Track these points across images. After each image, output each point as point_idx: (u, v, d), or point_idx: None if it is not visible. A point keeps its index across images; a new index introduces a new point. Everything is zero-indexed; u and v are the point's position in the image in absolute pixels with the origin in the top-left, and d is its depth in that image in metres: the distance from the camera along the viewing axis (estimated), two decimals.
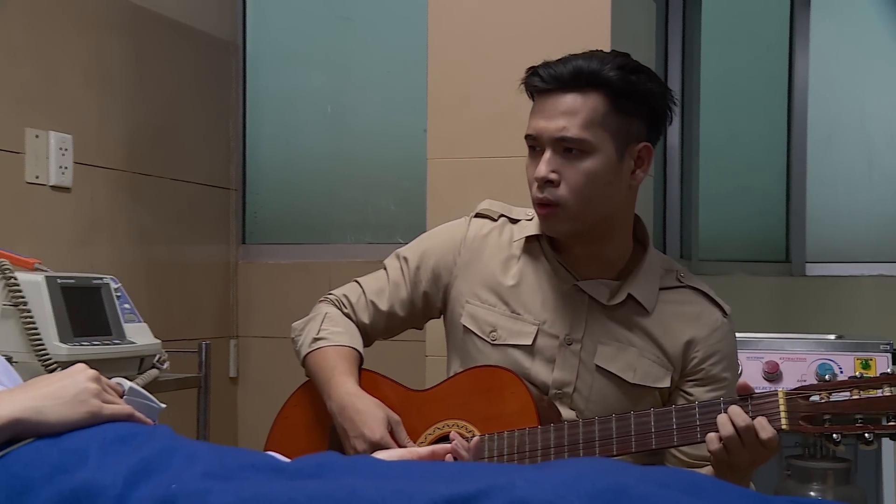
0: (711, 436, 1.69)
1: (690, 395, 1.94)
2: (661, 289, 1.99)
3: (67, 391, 1.29)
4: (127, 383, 1.42)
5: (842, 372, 2.47)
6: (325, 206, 3.73)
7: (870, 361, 2.48)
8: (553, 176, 1.85)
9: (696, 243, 4.30)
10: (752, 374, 2.50)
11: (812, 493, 2.51)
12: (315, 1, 3.76)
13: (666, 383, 1.94)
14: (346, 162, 3.70)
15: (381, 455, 1.64)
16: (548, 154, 1.86)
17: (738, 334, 2.63)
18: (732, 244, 4.37)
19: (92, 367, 2.12)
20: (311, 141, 3.77)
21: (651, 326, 1.96)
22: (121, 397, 1.37)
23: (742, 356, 2.53)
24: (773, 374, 2.49)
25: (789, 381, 2.48)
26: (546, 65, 1.90)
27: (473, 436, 1.88)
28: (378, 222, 3.52)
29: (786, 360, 2.50)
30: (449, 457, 1.54)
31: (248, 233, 3.74)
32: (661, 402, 1.94)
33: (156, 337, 2.54)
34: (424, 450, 1.60)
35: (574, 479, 0.99)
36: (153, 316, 3.12)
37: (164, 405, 1.48)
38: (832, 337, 2.66)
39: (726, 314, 2.02)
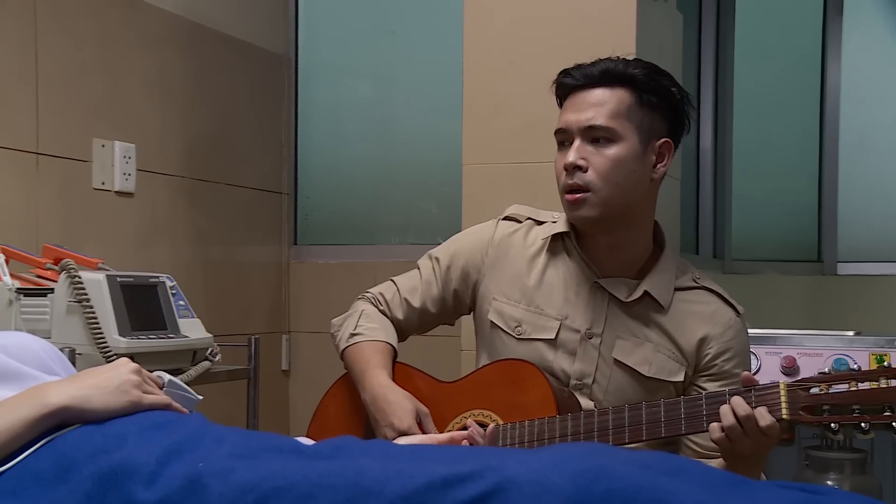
0: (714, 425, 1.71)
1: (704, 389, 1.94)
2: (677, 289, 2.01)
3: (111, 382, 1.33)
4: (167, 376, 1.46)
5: (857, 367, 2.46)
6: (371, 209, 3.75)
7: (885, 357, 2.47)
8: (582, 162, 1.90)
9: (730, 244, 4.29)
10: (770, 368, 2.50)
11: (829, 482, 2.51)
12: (362, 17, 3.78)
13: (680, 377, 1.96)
14: (390, 167, 3.72)
15: (404, 440, 1.70)
16: (577, 143, 1.91)
17: (759, 331, 2.66)
18: (765, 244, 4.36)
19: (148, 359, 2.19)
20: (358, 148, 3.79)
21: (667, 323, 1.97)
22: (161, 389, 1.42)
23: (761, 351, 2.54)
24: (790, 369, 2.49)
25: (805, 376, 2.49)
26: (577, 66, 1.97)
27: (496, 424, 1.90)
28: (420, 224, 3.53)
29: (803, 355, 2.49)
30: (465, 442, 1.59)
31: (299, 234, 3.76)
32: (676, 396, 1.94)
33: (212, 332, 2.57)
34: (443, 436, 1.65)
35: (559, 461, 1.03)
36: (210, 312, 3.17)
37: (200, 397, 1.52)
38: (850, 333, 2.65)
39: (739, 314, 2.02)
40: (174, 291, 2.38)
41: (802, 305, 4.11)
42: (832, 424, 1.62)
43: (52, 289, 2.19)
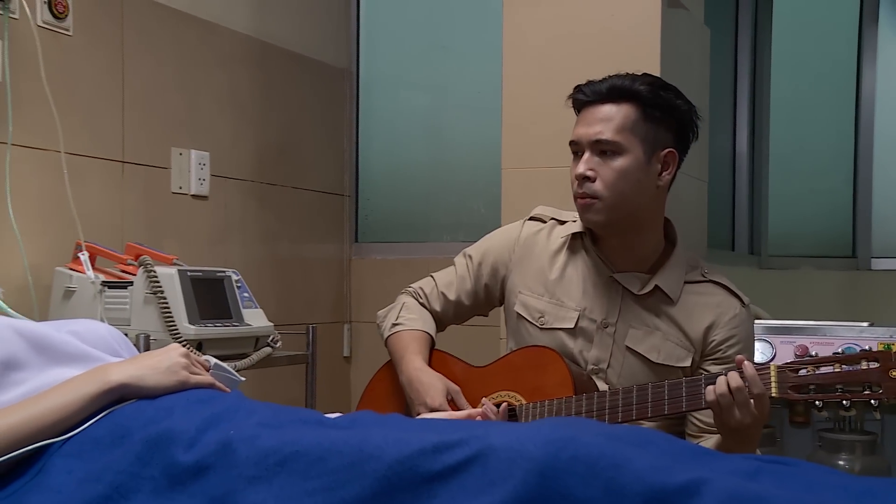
0: (709, 388, 1.74)
1: (709, 373, 1.95)
2: (686, 282, 2.03)
3: (163, 364, 1.42)
4: (213, 360, 1.55)
5: None
6: (425, 209, 3.77)
7: (892, 346, 2.45)
8: (590, 173, 1.94)
9: (766, 241, 4.28)
10: (784, 356, 2.48)
11: (840, 463, 2.51)
12: (417, 33, 3.81)
13: (687, 363, 1.99)
14: (442, 171, 3.74)
15: (432, 416, 1.78)
16: (586, 155, 1.96)
17: (776, 321, 2.67)
18: (801, 241, 4.33)
19: (214, 345, 2.29)
20: (413, 153, 3.81)
21: (676, 314, 2.00)
22: (207, 370, 1.50)
23: (776, 340, 2.55)
24: (802, 356, 2.50)
25: None
26: (588, 83, 2.01)
27: (521, 404, 1.98)
28: (470, 223, 3.53)
29: (816, 344, 2.48)
30: (479, 418, 1.66)
31: (359, 233, 3.79)
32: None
33: (279, 322, 2.62)
34: (461, 413, 1.73)
35: (534, 432, 1.11)
36: (277, 304, 3.25)
37: (243, 378, 1.60)
38: (865, 324, 2.63)
39: (744, 304, 2.04)
40: (239, 284, 2.45)
41: (837, 299, 4.08)
42: (816, 402, 1.66)
43: (132, 282, 2.28)
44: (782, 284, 4.12)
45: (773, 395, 1.70)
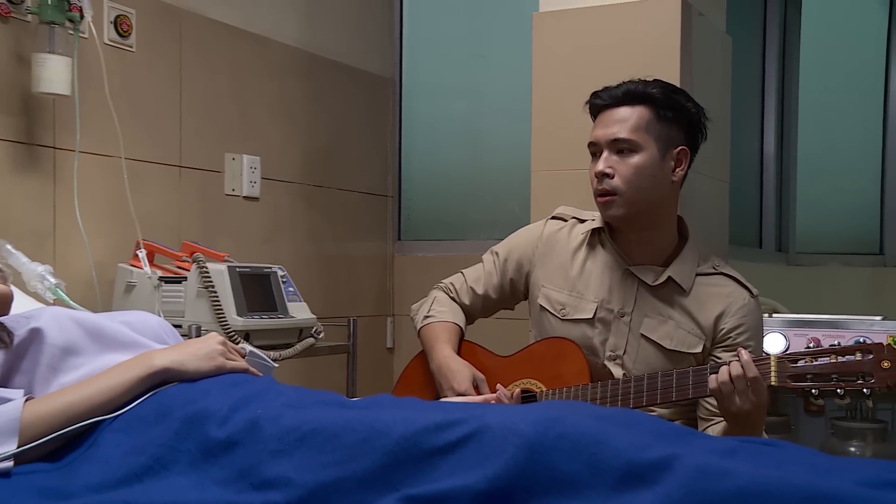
0: (712, 377, 1.78)
1: (720, 359, 1.99)
2: (698, 274, 2.06)
3: (202, 350, 1.48)
4: (248, 347, 1.61)
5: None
6: (463, 208, 3.80)
7: None
8: (609, 170, 1.98)
9: (794, 238, 4.27)
10: (797, 347, 2.50)
11: (852, 449, 2.51)
12: (455, 43, 3.84)
13: (698, 350, 2.01)
14: (479, 173, 3.77)
15: (458, 399, 1.84)
16: (605, 154, 2.00)
17: (793, 315, 2.68)
18: (828, 239, 4.30)
19: (260, 336, 2.35)
20: (452, 156, 3.84)
21: (688, 304, 2.03)
22: (243, 357, 1.56)
23: (790, 332, 2.56)
24: (817, 347, 2.49)
25: None
26: (604, 88, 2.05)
27: (541, 391, 2.02)
28: (505, 221, 3.47)
29: (828, 336, 2.48)
30: (494, 401, 1.71)
31: (402, 231, 3.84)
32: (697, 365, 1.99)
33: (325, 315, 2.68)
34: (480, 397, 1.79)
35: (528, 412, 1.17)
36: (324, 298, 3.32)
37: (276, 364, 1.66)
38: (878, 318, 2.63)
39: (753, 295, 2.06)
40: (285, 280, 2.51)
41: (863, 295, 4.05)
42: (813, 390, 1.69)
43: (186, 277, 2.37)
44: (810, 281, 4.10)
45: (773, 383, 1.73)
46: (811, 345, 2.49)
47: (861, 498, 0.96)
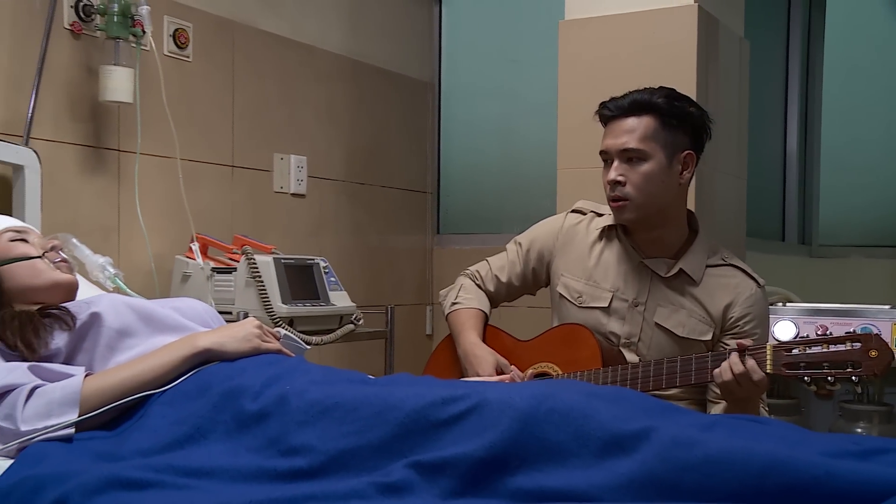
0: (715, 371, 1.81)
1: (728, 346, 2.01)
2: (708, 266, 2.08)
3: (240, 333, 1.57)
4: (283, 331, 1.69)
5: (880, 333, 2.44)
6: (497, 204, 3.81)
7: None
8: (621, 178, 2.01)
9: (816, 231, 4.24)
10: (807, 334, 2.48)
11: (858, 431, 2.51)
12: (491, 49, 3.86)
13: (708, 337, 2.04)
14: (514, 171, 3.78)
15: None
16: (616, 163, 2.02)
17: (805, 304, 2.69)
18: (850, 232, 4.25)
19: (303, 322, 2.42)
20: (488, 155, 3.86)
21: (698, 293, 2.06)
22: (277, 340, 1.64)
23: (800, 321, 2.56)
24: (822, 335, 2.48)
25: None
26: (611, 99, 2.07)
27: (557, 374, 2.07)
28: (537, 216, 3.32)
29: (836, 324, 2.47)
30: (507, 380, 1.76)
31: (441, 225, 3.87)
32: (706, 352, 2.00)
33: (367, 304, 2.73)
34: (494, 378, 1.85)
35: (524, 388, 1.24)
36: (367, 288, 3.37)
37: (308, 347, 1.73)
38: (887, 307, 2.62)
39: (760, 285, 2.08)
40: (327, 270, 2.58)
41: (885, 286, 4.01)
42: (805, 378, 1.70)
43: (236, 268, 2.45)
44: (833, 272, 4.08)
45: (769, 371, 1.75)
46: (819, 332, 2.49)
47: (815, 465, 1.01)
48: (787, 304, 2.78)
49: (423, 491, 1.14)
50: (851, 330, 2.43)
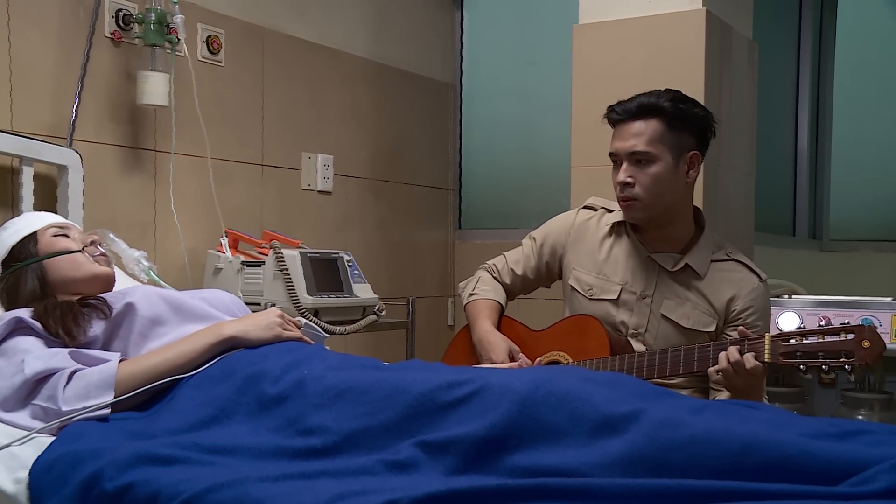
0: (711, 370, 1.83)
1: (731, 336, 2.02)
2: (713, 261, 2.10)
3: (263, 322, 1.61)
4: (303, 320, 1.74)
5: (880, 325, 2.45)
6: (517, 200, 3.82)
7: None
8: (629, 180, 2.03)
9: (827, 226, 4.23)
10: (810, 325, 2.49)
11: (859, 418, 2.51)
12: (510, 52, 3.87)
13: (712, 328, 2.06)
14: (532, 169, 3.79)
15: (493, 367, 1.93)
16: (625, 165, 2.04)
17: (810, 296, 2.69)
18: (860, 227, 4.24)
19: (328, 313, 2.45)
20: (507, 153, 3.87)
21: (703, 287, 2.07)
22: (299, 328, 1.68)
23: (803, 312, 2.57)
24: (824, 326, 2.49)
25: None
26: (619, 103, 2.08)
27: (567, 362, 2.09)
28: (554, 212, 3.30)
29: (838, 316, 2.47)
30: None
31: (462, 220, 3.89)
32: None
33: (391, 296, 2.75)
34: (506, 364, 1.88)
35: (523, 373, 1.28)
36: (391, 281, 3.40)
37: (328, 335, 1.77)
38: (889, 299, 2.61)
39: (762, 279, 2.10)
40: (350, 264, 2.61)
41: (895, 278, 4.01)
42: (801, 366, 1.72)
43: (264, 262, 2.48)
44: (842, 266, 4.07)
45: (766, 360, 1.76)
46: (822, 323, 2.49)
47: (792, 444, 1.04)
48: (794, 296, 2.78)
49: (428, 468, 1.18)
50: (847, 322, 2.43)
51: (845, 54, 4.22)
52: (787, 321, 2.56)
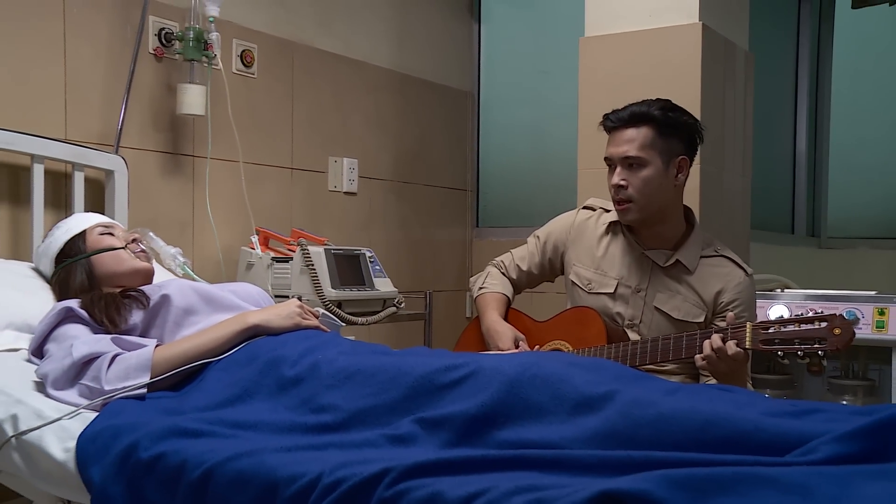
0: (697, 357, 1.86)
1: (718, 327, 2.02)
2: (702, 256, 2.14)
3: (284, 312, 1.68)
4: (321, 310, 1.80)
5: (863, 317, 2.46)
6: (530, 201, 3.85)
7: (885, 310, 2.44)
8: (623, 183, 2.07)
9: (825, 224, 4.22)
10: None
11: (844, 402, 2.53)
12: (524, 62, 3.89)
13: (701, 319, 2.10)
14: (544, 170, 3.81)
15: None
16: (618, 169, 2.08)
17: (800, 290, 2.70)
18: (858, 225, 4.23)
19: (350, 305, 2.51)
20: (522, 157, 3.89)
21: (693, 281, 2.11)
22: (316, 318, 1.75)
23: (793, 304, 2.58)
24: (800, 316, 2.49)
25: None
26: (613, 111, 2.12)
27: (568, 350, 2.12)
28: (565, 211, 3.37)
29: (825, 308, 2.44)
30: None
31: (479, 219, 3.92)
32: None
33: (411, 290, 2.78)
34: (511, 351, 1.93)
35: (514, 358, 1.34)
36: (412, 276, 3.44)
37: (343, 324, 1.83)
38: (873, 293, 2.61)
39: (748, 274, 2.13)
40: (372, 259, 2.67)
41: (891, 275, 3.99)
42: (779, 352, 1.75)
43: (292, 258, 2.54)
44: (839, 263, 4.07)
45: (748, 346, 1.80)
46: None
47: (748, 420, 1.09)
48: (785, 290, 2.80)
49: (425, 442, 1.25)
50: (832, 313, 2.44)
51: (843, 61, 4.21)
52: (778, 313, 2.57)
